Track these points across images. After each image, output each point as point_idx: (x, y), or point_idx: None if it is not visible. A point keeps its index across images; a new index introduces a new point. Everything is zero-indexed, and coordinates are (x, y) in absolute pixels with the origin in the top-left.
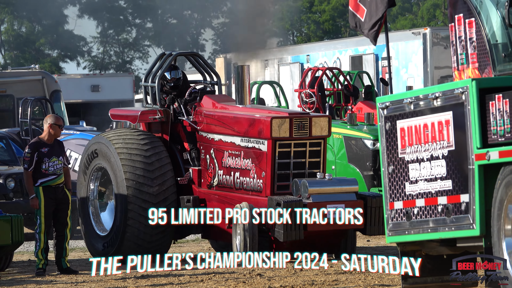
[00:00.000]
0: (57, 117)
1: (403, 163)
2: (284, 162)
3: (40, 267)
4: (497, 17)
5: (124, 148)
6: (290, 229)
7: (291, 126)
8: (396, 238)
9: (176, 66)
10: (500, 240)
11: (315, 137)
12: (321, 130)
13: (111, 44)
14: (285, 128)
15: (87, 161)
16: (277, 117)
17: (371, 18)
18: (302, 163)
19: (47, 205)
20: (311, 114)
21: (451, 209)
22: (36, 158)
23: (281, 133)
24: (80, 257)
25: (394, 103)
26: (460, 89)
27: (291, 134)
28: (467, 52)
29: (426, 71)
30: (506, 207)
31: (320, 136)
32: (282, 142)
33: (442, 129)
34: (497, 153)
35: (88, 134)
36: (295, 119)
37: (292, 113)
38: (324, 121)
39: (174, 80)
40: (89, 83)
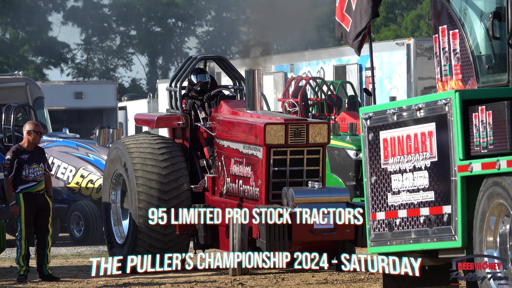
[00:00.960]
0: (35, 123)
1: (385, 173)
2: (280, 170)
3: (21, 273)
4: (481, 29)
5: (138, 154)
6: (273, 239)
7: (286, 133)
8: (378, 249)
9: (204, 70)
10: (482, 251)
11: (312, 145)
12: (319, 137)
13: (95, 51)
14: (280, 134)
15: (108, 167)
16: (271, 123)
17: (355, 28)
18: (300, 171)
19: (27, 211)
20: (309, 121)
21: (433, 221)
22: (16, 165)
23: (276, 140)
24: (61, 264)
25: (377, 113)
26: (443, 101)
27: (286, 141)
28: (451, 63)
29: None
30: (488, 219)
31: (318, 144)
32: (277, 149)
33: (425, 140)
34: (479, 165)
35: (71, 142)
36: (291, 126)
37: (288, 119)
38: (323, 128)
39: (201, 84)
40: (72, 90)
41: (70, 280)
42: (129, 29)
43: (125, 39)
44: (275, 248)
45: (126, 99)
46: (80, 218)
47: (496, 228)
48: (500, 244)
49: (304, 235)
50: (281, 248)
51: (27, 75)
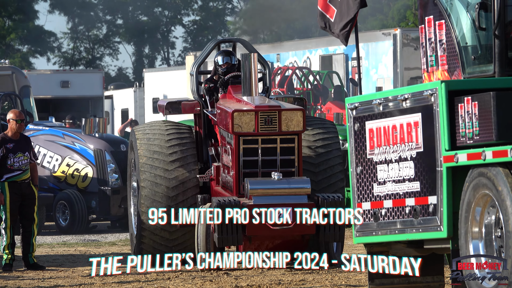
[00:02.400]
0: (17, 111)
1: (371, 164)
2: (252, 160)
3: (7, 262)
4: (467, 20)
5: (145, 141)
6: (226, 233)
7: (257, 121)
8: (363, 239)
9: (231, 52)
10: (467, 242)
11: (285, 133)
12: (293, 125)
13: (81, 40)
14: (250, 122)
15: (129, 154)
16: (239, 110)
17: (342, 19)
18: (274, 161)
19: (12, 200)
20: (282, 107)
21: (418, 211)
22: (1, 153)
23: (245, 128)
24: (47, 253)
25: (363, 103)
26: (429, 91)
27: (256, 129)
28: (437, 54)
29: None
30: (474, 209)
31: (292, 132)
32: (246, 137)
33: (411, 131)
34: (465, 156)
35: (57, 130)
36: (261, 113)
37: (259, 106)
38: (297, 114)
39: (228, 65)
40: (58, 79)
41: (56, 269)
42: (116, 18)
43: (111, 28)
44: (228, 243)
45: (113, 88)
46: (66, 207)
47: (481, 218)
48: (485, 235)
49: (259, 230)
50: (234, 243)
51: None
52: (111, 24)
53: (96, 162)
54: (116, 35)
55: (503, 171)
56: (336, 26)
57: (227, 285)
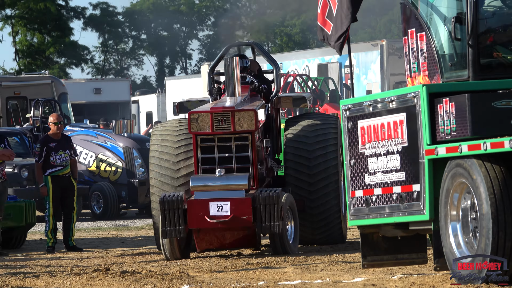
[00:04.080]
0: (56, 115)
1: (363, 157)
2: (209, 157)
3: (50, 245)
4: (445, 32)
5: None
6: (169, 225)
7: (212, 121)
8: (357, 222)
9: (244, 55)
10: (446, 224)
11: (239, 132)
12: (245, 124)
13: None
14: (205, 122)
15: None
16: (196, 111)
17: (336, 32)
18: (230, 158)
19: (54, 191)
20: (235, 109)
21: (404, 197)
22: (45, 152)
23: (202, 128)
24: (84, 236)
25: (356, 105)
26: (412, 94)
27: (212, 128)
28: (419, 61)
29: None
30: (452, 195)
31: (244, 131)
32: (203, 137)
33: (397, 128)
34: (444, 149)
35: (91, 131)
36: (215, 114)
37: (214, 108)
38: (249, 115)
39: (240, 68)
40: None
41: (92, 250)
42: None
43: (136, 42)
44: (171, 235)
45: (138, 94)
46: (99, 197)
47: (458, 203)
48: (462, 217)
49: (200, 223)
50: (177, 235)
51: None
52: (136, 39)
53: (125, 158)
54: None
55: (477, 162)
56: (332, 38)
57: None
